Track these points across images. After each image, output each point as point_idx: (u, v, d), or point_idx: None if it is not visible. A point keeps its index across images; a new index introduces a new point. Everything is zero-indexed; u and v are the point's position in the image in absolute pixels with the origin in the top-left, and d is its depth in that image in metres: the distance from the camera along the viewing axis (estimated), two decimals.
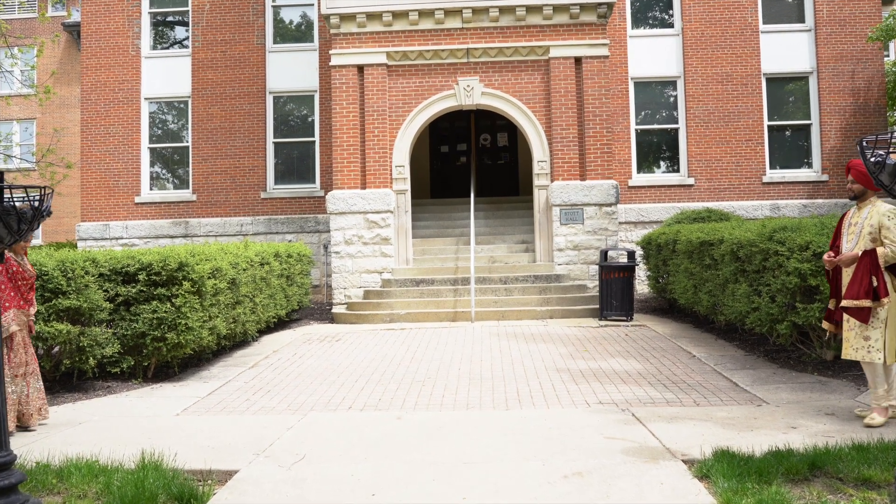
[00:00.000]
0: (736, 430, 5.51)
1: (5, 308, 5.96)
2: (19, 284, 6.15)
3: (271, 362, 9.17)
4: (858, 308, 5.62)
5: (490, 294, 13.01)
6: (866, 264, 5.64)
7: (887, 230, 5.66)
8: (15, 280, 6.13)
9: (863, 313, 5.61)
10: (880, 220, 5.69)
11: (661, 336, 10.38)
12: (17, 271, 6.13)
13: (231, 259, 9.28)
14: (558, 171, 13.92)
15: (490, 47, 14.01)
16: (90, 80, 18.17)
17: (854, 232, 5.85)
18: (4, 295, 6.01)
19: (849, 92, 17.56)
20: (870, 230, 5.72)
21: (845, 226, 6.03)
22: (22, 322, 6.16)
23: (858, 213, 5.92)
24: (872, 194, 5.91)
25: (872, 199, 5.89)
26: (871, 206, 5.83)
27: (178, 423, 6.31)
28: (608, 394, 7.01)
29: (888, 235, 5.64)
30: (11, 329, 6.04)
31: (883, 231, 5.67)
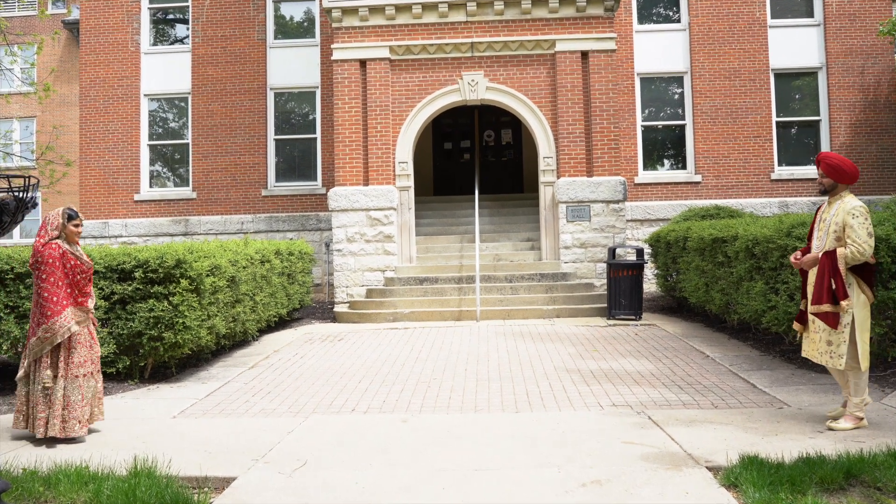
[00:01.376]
0: (759, 435, 5.24)
1: (63, 307, 5.58)
2: (78, 279, 5.71)
3: (272, 362, 8.91)
4: (824, 313, 5.41)
5: (495, 293, 12.74)
6: (825, 266, 5.41)
7: (851, 229, 5.38)
8: (73, 274, 5.69)
9: (830, 318, 5.39)
10: (845, 219, 5.42)
11: (671, 336, 10.11)
12: (74, 265, 5.69)
13: (230, 256, 9.02)
14: (564, 168, 13.65)
15: (495, 41, 13.75)
16: (89, 76, 17.93)
17: (823, 229, 5.61)
18: (62, 292, 5.59)
19: (858, 88, 17.29)
20: (835, 228, 5.47)
21: (817, 221, 5.78)
22: (82, 318, 5.74)
23: (828, 208, 5.65)
24: (844, 188, 5.60)
25: (843, 195, 5.59)
26: (840, 202, 5.54)
27: (174, 426, 6.05)
28: (622, 396, 6.75)
29: (851, 235, 5.37)
30: (73, 329, 5.61)
31: (847, 230, 5.40)
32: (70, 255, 5.70)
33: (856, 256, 5.33)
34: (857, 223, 5.37)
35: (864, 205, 5.50)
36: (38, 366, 5.61)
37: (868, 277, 5.52)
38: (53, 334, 5.53)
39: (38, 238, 5.72)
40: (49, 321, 5.52)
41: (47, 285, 5.58)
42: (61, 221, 5.77)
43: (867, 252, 5.34)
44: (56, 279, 5.60)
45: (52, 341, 5.55)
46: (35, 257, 5.65)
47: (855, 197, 5.58)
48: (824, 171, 5.59)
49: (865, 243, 5.33)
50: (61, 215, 5.78)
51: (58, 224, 5.76)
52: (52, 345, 5.56)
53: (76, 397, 5.61)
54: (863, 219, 5.39)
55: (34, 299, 5.69)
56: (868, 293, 5.50)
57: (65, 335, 5.57)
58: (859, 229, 5.36)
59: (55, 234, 5.73)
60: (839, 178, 5.54)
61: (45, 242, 5.68)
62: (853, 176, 5.54)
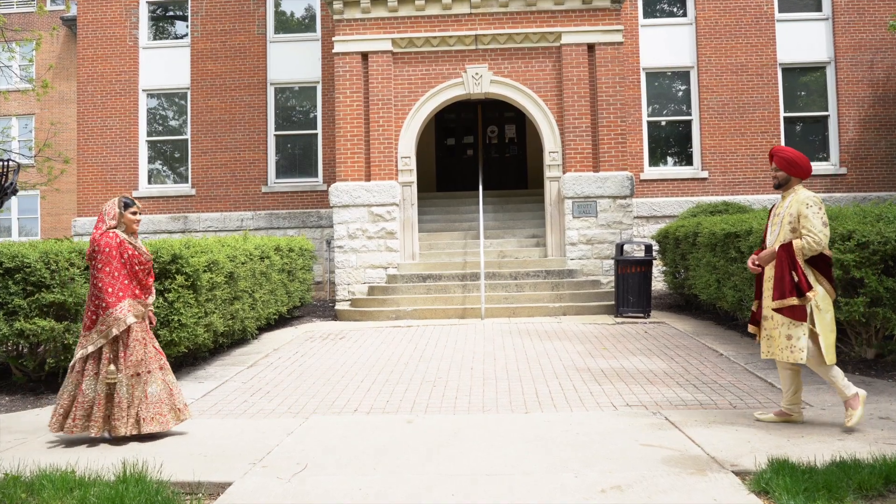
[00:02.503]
0: (784, 436, 4.97)
1: (119, 298, 5.30)
2: (136, 270, 5.45)
3: (271, 361, 8.64)
4: (790, 307, 5.19)
5: (500, 290, 12.47)
6: (783, 259, 5.24)
7: (805, 219, 5.22)
8: (131, 265, 5.42)
9: (797, 311, 5.17)
10: (799, 209, 5.27)
11: (682, 333, 9.84)
12: (132, 255, 5.43)
13: (229, 252, 8.76)
14: (570, 163, 13.38)
15: (499, 33, 13.47)
16: (87, 71, 17.66)
17: (776, 223, 5.46)
18: (118, 283, 5.33)
19: (867, 82, 17.00)
20: (790, 220, 5.32)
21: (770, 218, 5.62)
22: (140, 313, 5.43)
23: (782, 202, 5.51)
24: (797, 182, 5.46)
25: (796, 188, 5.45)
26: (794, 195, 5.40)
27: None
28: (635, 395, 6.47)
29: (806, 225, 5.21)
30: (128, 321, 5.30)
31: (801, 220, 5.25)
32: (128, 244, 5.45)
33: (812, 247, 5.17)
34: (812, 213, 5.22)
35: (817, 195, 5.33)
36: (98, 361, 5.30)
37: (825, 270, 5.33)
38: (108, 327, 5.25)
39: (95, 228, 5.51)
40: (105, 313, 5.26)
41: (102, 275, 5.32)
42: (118, 210, 5.53)
43: (823, 242, 5.17)
44: (112, 269, 5.34)
45: (108, 334, 5.26)
46: (91, 247, 5.40)
47: (807, 189, 5.42)
48: (778, 165, 5.46)
49: (821, 233, 5.17)
50: (117, 204, 5.55)
51: (114, 213, 5.52)
52: (107, 338, 5.27)
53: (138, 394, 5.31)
54: (817, 208, 5.24)
55: (90, 291, 5.42)
56: (828, 287, 5.31)
57: (120, 327, 5.26)
58: (814, 219, 5.21)
59: (113, 224, 5.50)
60: (793, 172, 5.42)
61: (102, 231, 5.44)
62: (806, 170, 5.43)
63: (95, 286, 5.35)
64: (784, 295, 5.18)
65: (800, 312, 5.16)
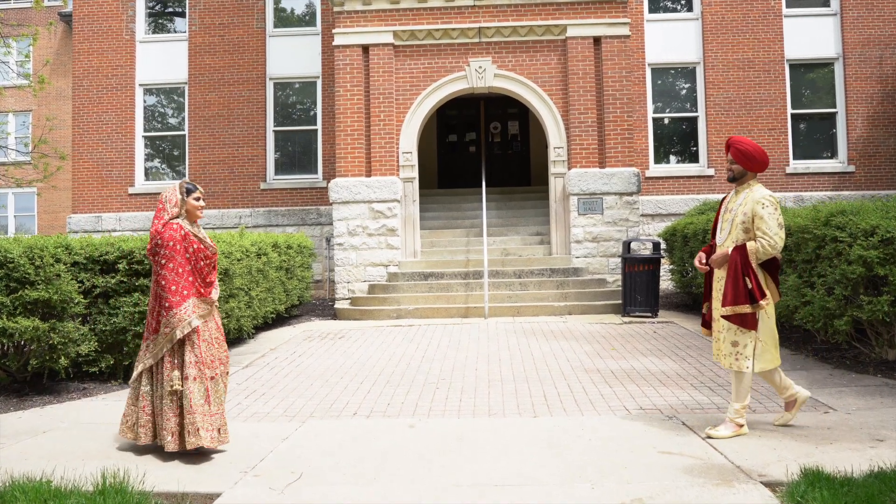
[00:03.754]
0: (812, 444, 4.66)
1: (183, 297, 4.76)
2: (201, 266, 4.88)
3: (267, 361, 8.33)
4: (740, 315, 4.84)
5: (504, 288, 12.15)
6: (736, 263, 4.85)
7: (761, 220, 4.84)
8: (196, 260, 4.85)
9: (749, 320, 4.84)
10: (754, 209, 4.87)
11: (692, 333, 9.53)
12: (198, 249, 4.86)
13: (223, 248, 8.44)
14: (576, 159, 13.06)
15: (503, 26, 13.15)
16: (82, 65, 17.34)
17: (728, 220, 5.05)
18: (182, 281, 4.78)
19: (876, 79, 16.67)
20: (743, 219, 4.92)
21: (721, 212, 5.19)
22: (205, 312, 4.88)
23: (735, 197, 5.09)
24: (752, 177, 5.06)
25: (751, 183, 5.04)
26: (749, 191, 4.99)
27: None
28: (648, 398, 6.16)
29: (761, 227, 4.84)
30: (194, 323, 4.76)
31: (756, 221, 4.86)
32: (192, 237, 4.86)
33: (767, 251, 4.83)
34: (767, 213, 4.84)
35: (773, 194, 4.94)
36: (161, 367, 4.79)
37: (774, 273, 5.03)
38: (172, 329, 4.73)
39: (155, 220, 4.89)
40: (168, 314, 4.74)
41: (166, 272, 4.77)
42: (180, 197, 4.92)
43: (778, 245, 4.82)
44: (176, 265, 4.78)
45: (172, 337, 4.74)
46: (153, 241, 4.83)
47: (764, 186, 5.03)
48: (733, 157, 5.06)
49: (777, 235, 4.83)
50: (179, 189, 4.95)
51: (176, 200, 4.91)
52: (171, 342, 4.73)
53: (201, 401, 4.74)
54: (772, 209, 4.87)
55: (152, 290, 4.90)
56: (773, 290, 5.01)
57: (185, 329, 4.73)
58: (769, 220, 4.83)
59: (175, 213, 4.89)
60: (748, 166, 5.00)
61: (165, 222, 4.85)
62: (763, 163, 5.03)
63: (158, 284, 4.80)
64: (737, 301, 4.82)
65: (751, 321, 4.83)
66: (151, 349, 4.83)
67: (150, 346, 4.84)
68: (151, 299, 4.92)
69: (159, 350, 4.79)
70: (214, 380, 4.85)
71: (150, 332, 4.88)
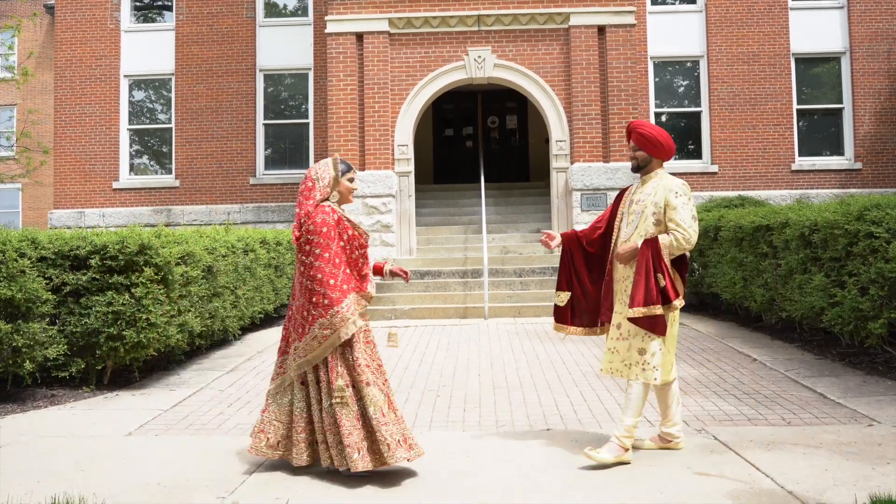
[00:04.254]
0: (867, 463, 4.12)
1: (343, 292, 4.06)
2: (356, 256, 4.19)
3: (254, 365, 7.76)
4: (650, 317, 4.21)
5: (504, 288, 11.61)
6: (648, 259, 4.24)
7: (673, 210, 4.28)
8: (351, 250, 4.16)
9: (659, 323, 4.23)
10: (666, 198, 4.32)
11: (705, 336, 9.01)
12: (352, 236, 4.16)
13: (207, 244, 7.87)
14: (579, 153, 12.53)
15: (504, 14, 12.61)
16: (64, 55, 16.70)
17: (636, 211, 4.45)
18: (340, 273, 4.08)
19: (884, 73, 16.21)
20: (654, 210, 4.35)
21: (625, 204, 4.61)
22: (363, 309, 4.21)
23: (642, 188, 4.52)
24: (659, 164, 4.50)
25: (658, 172, 4.48)
26: (658, 180, 4.43)
27: (127, 446, 4.89)
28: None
29: (674, 218, 4.28)
30: (358, 323, 4.09)
31: (669, 212, 4.30)
32: (346, 222, 4.17)
33: (681, 245, 4.27)
34: (681, 203, 4.29)
35: (685, 183, 4.39)
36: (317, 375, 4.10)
37: (683, 271, 4.49)
38: (335, 330, 4.02)
39: (303, 201, 4.15)
40: (328, 312, 4.02)
41: (322, 263, 4.05)
42: (334, 175, 4.21)
43: (693, 239, 4.26)
44: (332, 255, 4.07)
45: (335, 341, 4.02)
46: (304, 226, 4.10)
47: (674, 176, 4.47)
48: (636, 143, 4.48)
49: (691, 228, 4.28)
50: (333, 166, 4.24)
51: (330, 179, 4.20)
52: (333, 346, 4.03)
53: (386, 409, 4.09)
54: (686, 198, 4.33)
55: (300, 284, 4.16)
56: (681, 289, 4.43)
57: (350, 331, 4.03)
58: (683, 211, 4.29)
59: (326, 194, 4.18)
60: (654, 152, 4.43)
61: (316, 204, 4.14)
62: (669, 149, 4.46)
63: (312, 278, 4.06)
64: (650, 301, 4.19)
65: (661, 324, 4.24)
66: (301, 354, 4.11)
67: (298, 351, 4.12)
68: (297, 296, 4.19)
69: (315, 356, 4.06)
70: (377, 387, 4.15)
71: (296, 333, 4.16)
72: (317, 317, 4.04)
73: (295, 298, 4.23)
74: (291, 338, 4.19)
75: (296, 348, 4.13)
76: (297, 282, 4.20)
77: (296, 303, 4.21)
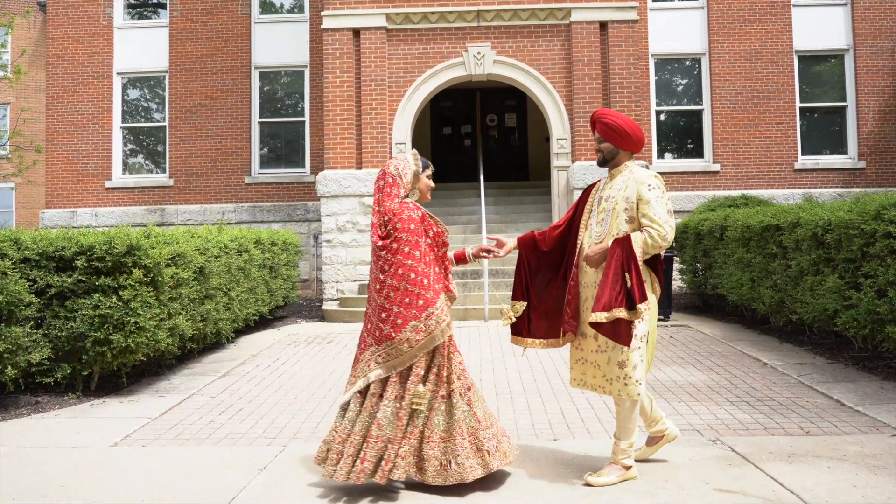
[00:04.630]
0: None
1: (436, 292, 3.83)
2: (441, 254, 3.96)
3: (247, 370, 7.50)
4: (612, 323, 3.74)
5: (504, 289, 11.35)
6: (617, 258, 3.81)
7: (647, 205, 3.86)
8: (436, 246, 3.94)
9: (622, 329, 3.74)
10: (638, 192, 3.90)
11: (712, 338, 8.77)
12: (437, 233, 3.95)
13: (199, 244, 7.60)
14: (581, 151, 12.29)
15: (504, 9, 12.35)
16: (56, 52, 16.42)
17: (606, 209, 4.04)
18: (431, 273, 3.84)
19: (888, 71, 15.99)
20: (626, 206, 3.94)
21: (593, 201, 4.20)
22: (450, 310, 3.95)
23: (611, 183, 4.12)
24: (628, 157, 4.11)
25: (628, 164, 4.09)
26: (628, 173, 4.04)
27: (111, 458, 4.64)
28: (682, 416, 5.38)
29: (647, 213, 3.86)
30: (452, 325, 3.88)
31: (642, 206, 3.88)
32: (430, 219, 3.96)
33: (656, 242, 3.84)
34: (654, 197, 3.87)
35: (658, 175, 3.99)
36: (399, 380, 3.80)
37: (660, 273, 4.10)
38: (429, 333, 3.75)
39: (384, 198, 3.92)
40: (422, 313, 3.75)
41: (412, 261, 3.80)
42: (415, 170, 4.02)
43: (669, 236, 3.86)
44: (422, 253, 3.84)
45: (427, 345, 3.75)
46: (390, 223, 3.85)
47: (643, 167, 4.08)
48: (601, 134, 4.07)
49: (667, 223, 3.86)
50: (414, 161, 4.05)
51: (411, 175, 4.00)
52: (425, 349, 3.76)
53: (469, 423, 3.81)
54: (660, 192, 3.91)
55: (387, 284, 3.82)
56: (658, 293, 4.10)
57: (446, 333, 3.78)
58: (657, 205, 3.86)
59: (408, 189, 4.00)
60: (621, 143, 4.03)
61: (401, 201, 3.93)
62: (638, 140, 4.06)
63: (403, 277, 3.79)
64: (612, 304, 3.72)
65: (624, 332, 3.74)
66: (384, 358, 3.80)
67: (379, 354, 3.82)
68: (377, 296, 3.87)
69: (400, 361, 3.77)
70: (472, 389, 3.92)
71: (372, 336, 3.86)
72: (408, 319, 3.75)
73: (369, 305, 3.94)
74: (368, 340, 3.90)
75: (376, 353, 3.82)
76: (376, 281, 3.89)
77: (370, 307, 3.93)
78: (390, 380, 3.80)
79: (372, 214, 3.92)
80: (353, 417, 3.82)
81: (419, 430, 3.73)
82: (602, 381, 3.95)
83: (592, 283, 4.01)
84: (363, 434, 3.76)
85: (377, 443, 3.70)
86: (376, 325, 3.85)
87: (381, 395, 3.81)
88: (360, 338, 3.97)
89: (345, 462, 3.73)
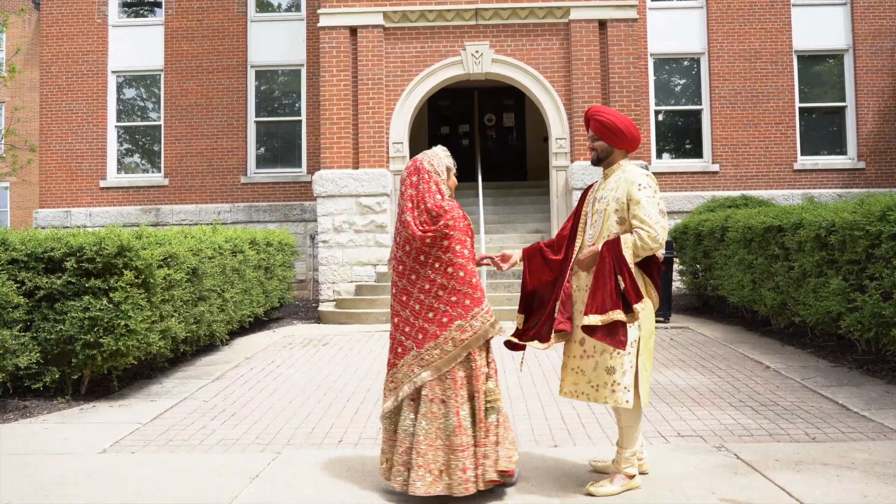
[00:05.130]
0: None
1: (482, 291, 3.73)
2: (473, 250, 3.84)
3: (241, 373, 7.37)
4: (609, 326, 3.61)
5: (503, 290, 11.24)
6: (606, 259, 3.69)
7: (637, 205, 3.73)
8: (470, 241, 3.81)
9: (618, 332, 3.61)
10: (629, 192, 3.76)
11: (712, 341, 8.66)
12: (472, 233, 3.86)
13: (192, 245, 7.47)
14: (580, 151, 12.17)
15: (502, 8, 12.22)
16: (51, 50, 16.27)
17: (599, 211, 3.91)
18: (476, 271, 3.76)
19: (888, 71, 15.91)
20: (616, 206, 3.81)
21: (588, 203, 4.08)
22: None
23: (604, 183, 3.99)
24: (623, 155, 3.97)
25: (621, 163, 3.95)
26: (621, 173, 3.90)
27: (99, 465, 4.51)
28: (685, 422, 5.26)
29: (637, 213, 3.72)
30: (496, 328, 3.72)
31: (632, 207, 3.74)
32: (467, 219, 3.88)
33: (646, 244, 3.69)
34: (645, 197, 3.72)
35: (650, 174, 3.84)
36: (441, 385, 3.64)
37: (655, 277, 3.92)
38: (475, 333, 3.63)
39: (426, 194, 3.75)
40: (468, 313, 3.63)
41: (462, 260, 3.67)
42: (448, 164, 3.93)
43: (661, 237, 3.70)
44: (470, 252, 3.73)
45: (471, 345, 3.63)
46: (442, 220, 3.68)
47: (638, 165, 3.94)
48: (595, 132, 3.95)
49: (658, 224, 3.71)
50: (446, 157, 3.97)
51: (444, 170, 3.90)
52: (468, 350, 3.62)
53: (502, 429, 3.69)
54: (651, 191, 3.76)
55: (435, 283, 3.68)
56: (654, 299, 3.93)
57: (489, 334, 3.66)
58: (648, 205, 3.72)
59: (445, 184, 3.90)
60: (615, 142, 3.90)
61: (448, 198, 3.82)
62: (633, 138, 3.93)
63: (452, 276, 3.66)
64: (606, 307, 3.61)
65: (620, 335, 3.61)
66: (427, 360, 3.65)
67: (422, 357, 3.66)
68: (418, 296, 3.72)
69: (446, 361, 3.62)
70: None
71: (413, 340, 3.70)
72: (454, 318, 3.62)
73: (404, 306, 3.76)
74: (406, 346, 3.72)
75: (418, 356, 3.67)
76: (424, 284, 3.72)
77: (406, 310, 3.75)
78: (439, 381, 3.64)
79: (405, 211, 3.75)
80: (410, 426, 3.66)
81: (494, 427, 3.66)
82: (588, 389, 3.80)
83: (584, 287, 3.88)
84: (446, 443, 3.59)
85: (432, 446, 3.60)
86: (420, 326, 3.69)
87: (443, 401, 3.64)
88: (394, 341, 3.79)
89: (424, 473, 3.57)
